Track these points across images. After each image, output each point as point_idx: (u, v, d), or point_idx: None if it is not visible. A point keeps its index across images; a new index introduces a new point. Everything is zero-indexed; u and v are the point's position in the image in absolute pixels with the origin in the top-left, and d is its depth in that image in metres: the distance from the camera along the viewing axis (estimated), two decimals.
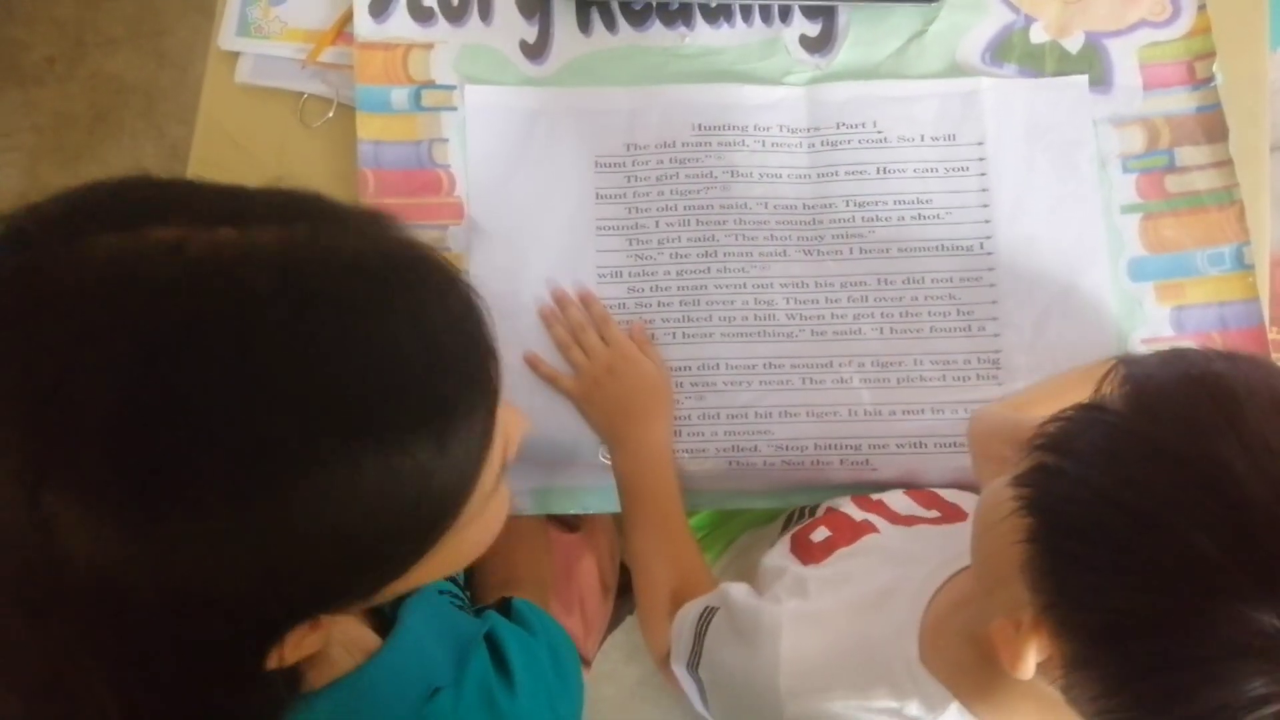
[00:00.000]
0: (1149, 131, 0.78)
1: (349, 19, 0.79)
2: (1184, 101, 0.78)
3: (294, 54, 0.79)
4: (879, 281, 0.76)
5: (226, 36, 0.80)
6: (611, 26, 0.80)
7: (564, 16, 0.80)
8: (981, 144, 0.77)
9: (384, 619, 0.52)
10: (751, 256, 0.76)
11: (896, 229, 0.76)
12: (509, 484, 0.45)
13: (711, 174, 0.77)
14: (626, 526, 0.72)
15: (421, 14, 0.79)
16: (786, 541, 0.71)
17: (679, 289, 0.76)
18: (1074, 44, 0.80)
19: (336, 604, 0.38)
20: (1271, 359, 0.74)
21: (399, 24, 0.79)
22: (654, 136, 0.78)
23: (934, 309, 0.75)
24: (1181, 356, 0.46)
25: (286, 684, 0.39)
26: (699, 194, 0.77)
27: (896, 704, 0.53)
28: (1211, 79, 0.78)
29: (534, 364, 0.75)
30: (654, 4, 0.80)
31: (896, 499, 0.71)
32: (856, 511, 0.70)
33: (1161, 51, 0.79)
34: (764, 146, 0.78)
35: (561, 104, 0.78)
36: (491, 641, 0.55)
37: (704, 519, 0.86)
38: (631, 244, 0.77)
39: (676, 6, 0.80)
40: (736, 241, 0.76)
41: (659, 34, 0.80)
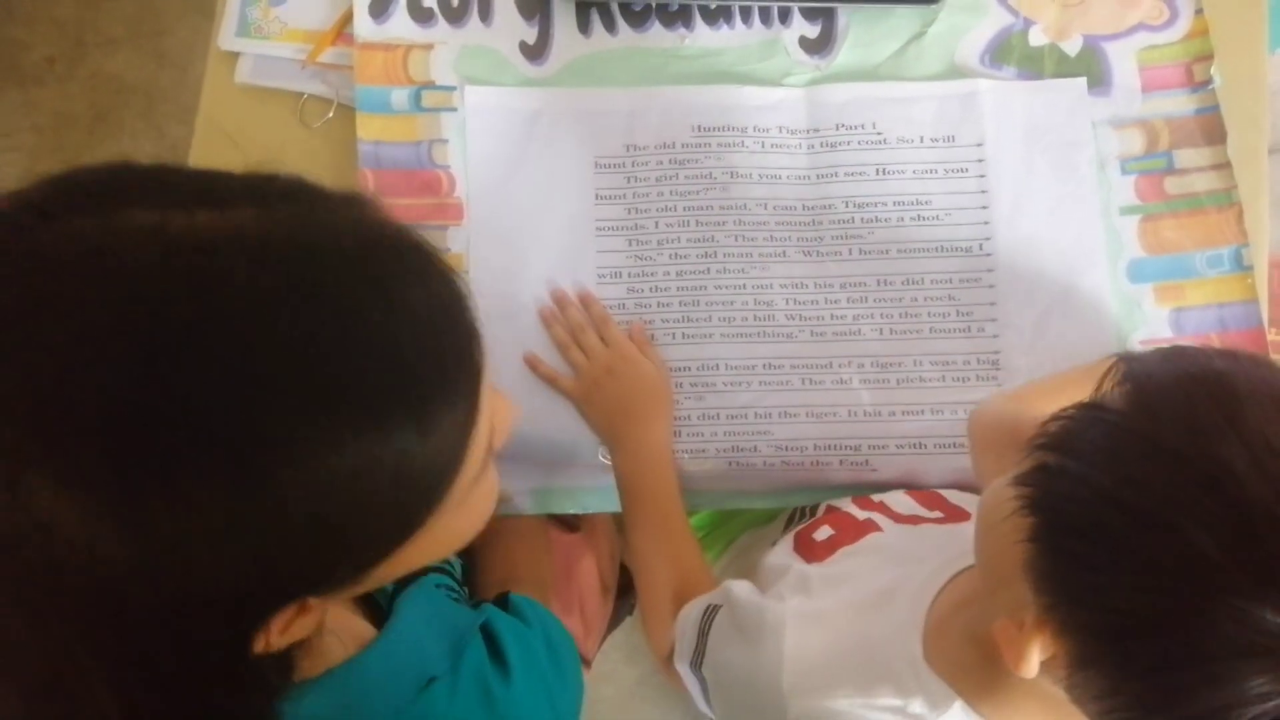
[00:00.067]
0: (1148, 133, 0.78)
1: (349, 19, 0.79)
2: (1183, 104, 0.79)
3: (294, 54, 0.79)
4: (878, 282, 0.76)
5: (226, 37, 0.80)
6: (611, 28, 0.80)
7: (564, 17, 0.80)
8: (981, 145, 0.78)
9: (380, 611, 0.52)
10: (751, 257, 0.76)
11: (896, 230, 0.76)
12: (498, 472, 0.45)
13: (711, 175, 0.77)
14: (627, 527, 0.72)
15: (421, 15, 0.79)
16: (789, 540, 0.71)
17: (679, 289, 0.76)
18: (1072, 47, 0.80)
19: (321, 586, 0.38)
20: (1272, 358, 0.74)
21: (399, 25, 0.79)
22: (654, 137, 0.78)
23: (933, 310, 0.75)
24: (1182, 355, 0.46)
25: (278, 670, 0.39)
26: (699, 195, 0.77)
27: (900, 702, 0.53)
28: (1209, 82, 0.78)
29: (533, 364, 0.75)
30: (654, 5, 0.80)
31: (898, 499, 0.71)
32: (859, 511, 0.70)
33: (1159, 54, 0.80)
34: (763, 147, 0.78)
35: (561, 105, 0.78)
36: (487, 633, 0.55)
37: (704, 519, 0.86)
38: (631, 245, 0.77)
39: (676, 8, 0.80)
40: (736, 242, 0.76)
41: (658, 35, 0.80)
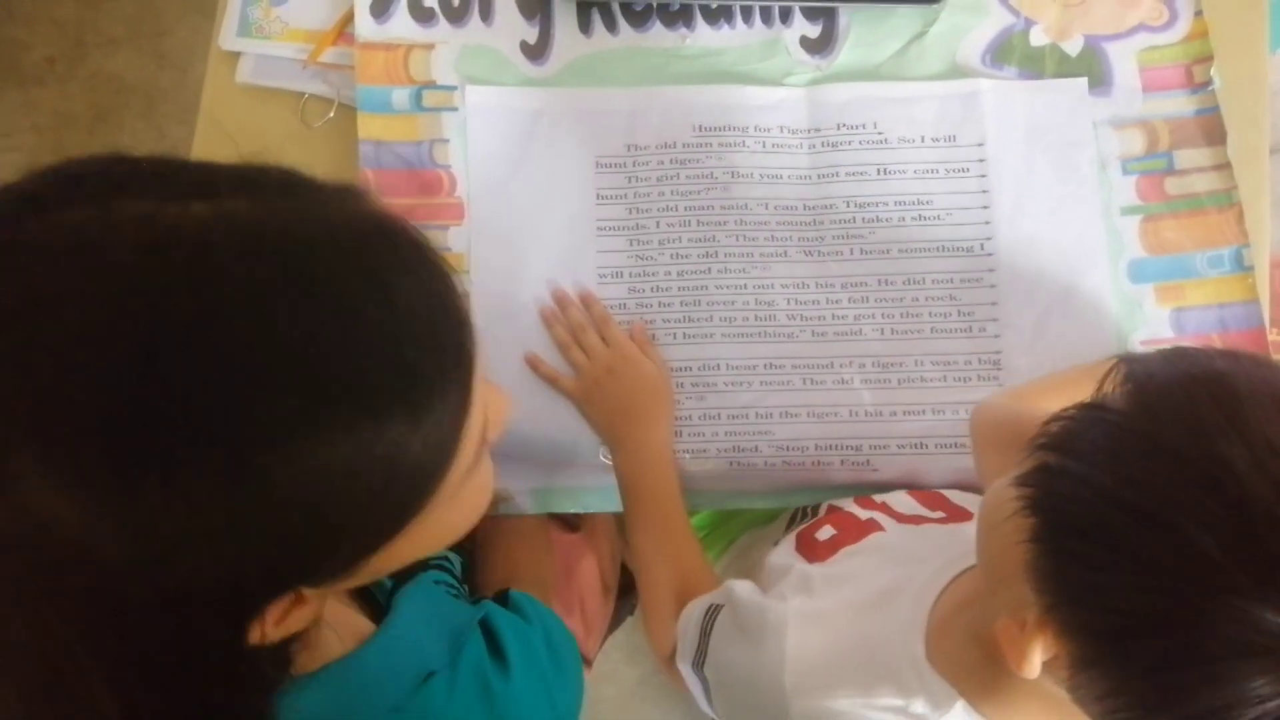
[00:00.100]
0: (1148, 134, 0.78)
1: (350, 19, 0.79)
2: (1183, 104, 0.79)
3: (295, 54, 0.79)
4: (880, 282, 0.76)
5: (227, 37, 0.80)
6: (612, 27, 0.80)
7: (564, 17, 0.80)
8: (982, 145, 0.78)
9: (379, 607, 0.52)
10: (752, 257, 0.76)
11: (897, 230, 0.76)
12: (495, 468, 0.45)
13: (712, 175, 0.77)
14: (628, 527, 0.72)
15: (422, 14, 0.79)
16: (791, 540, 0.71)
17: (680, 289, 0.76)
18: (1073, 47, 0.80)
19: (315, 577, 0.38)
20: (1273, 359, 0.74)
21: (400, 24, 0.79)
22: (655, 137, 0.78)
23: (935, 310, 0.75)
24: (1183, 355, 0.46)
25: (275, 663, 0.39)
26: (700, 194, 0.77)
27: (902, 702, 0.53)
28: (1209, 83, 0.78)
29: (534, 364, 0.75)
30: (655, 5, 0.80)
31: (900, 499, 0.71)
32: (861, 511, 0.70)
33: (1160, 55, 0.80)
34: (764, 147, 0.78)
35: (562, 104, 0.78)
36: (486, 629, 0.55)
37: (704, 519, 0.86)
38: (632, 244, 0.77)
39: (677, 7, 0.80)
40: (737, 242, 0.76)
41: (659, 35, 0.80)
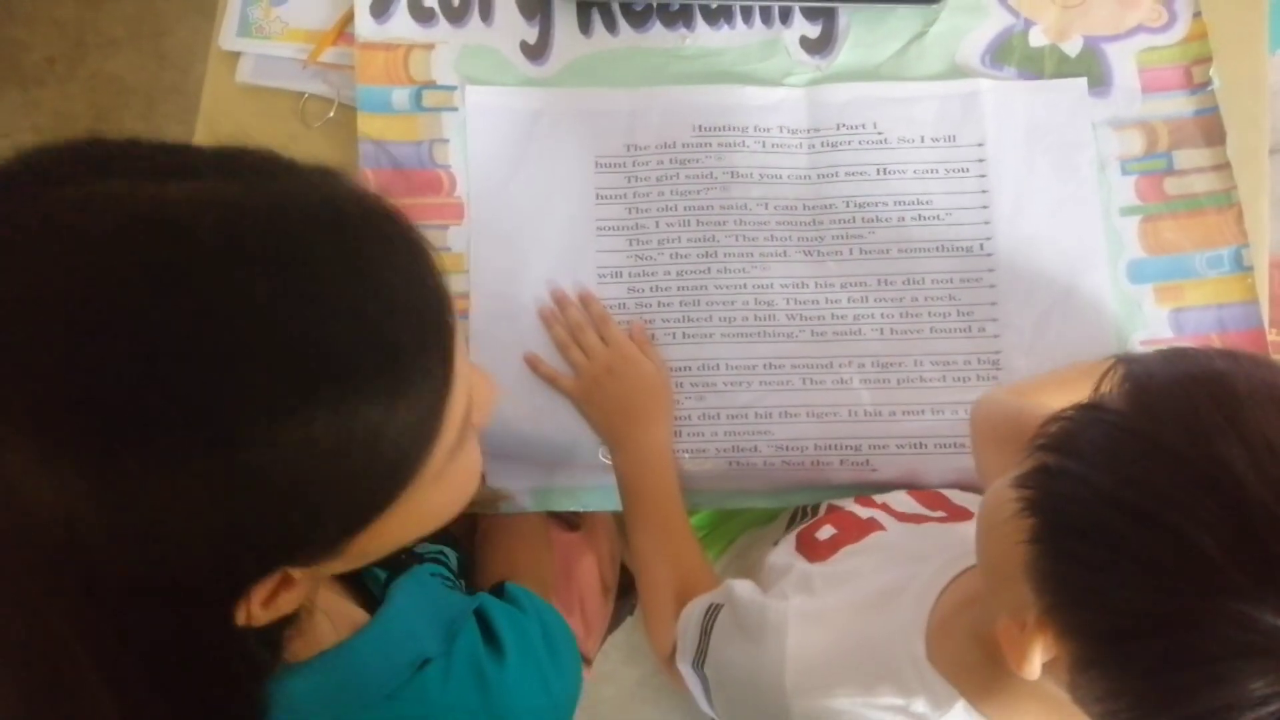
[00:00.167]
0: (1148, 134, 0.78)
1: (350, 19, 0.79)
2: (1182, 105, 0.79)
3: (295, 54, 0.79)
4: (879, 282, 0.76)
5: (227, 37, 0.80)
6: (612, 27, 0.80)
7: (564, 17, 0.80)
8: (981, 145, 0.78)
9: (374, 600, 0.52)
10: (752, 257, 0.76)
11: (897, 230, 0.76)
12: (479, 450, 0.45)
13: (712, 174, 0.77)
14: (628, 526, 0.72)
15: (422, 14, 0.79)
16: (792, 539, 0.71)
17: (679, 289, 0.76)
18: (1073, 48, 0.80)
19: (299, 555, 0.38)
20: (1272, 358, 0.74)
21: (400, 24, 0.79)
22: (654, 137, 0.78)
23: (934, 310, 0.75)
24: (1182, 355, 0.46)
25: (267, 647, 0.39)
26: (699, 194, 0.77)
27: (902, 701, 0.53)
28: (1209, 83, 0.78)
29: (534, 364, 0.75)
30: (654, 5, 0.80)
31: (900, 499, 0.71)
32: (861, 510, 0.70)
33: (1159, 56, 0.80)
34: (764, 147, 0.78)
35: (562, 104, 0.78)
36: (481, 617, 0.55)
37: (704, 519, 0.86)
38: (632, 244, 0.77)
39: (677, 8, 0.80)
40: (737, 242, 0.76)
41: (659, 35, 0.80)
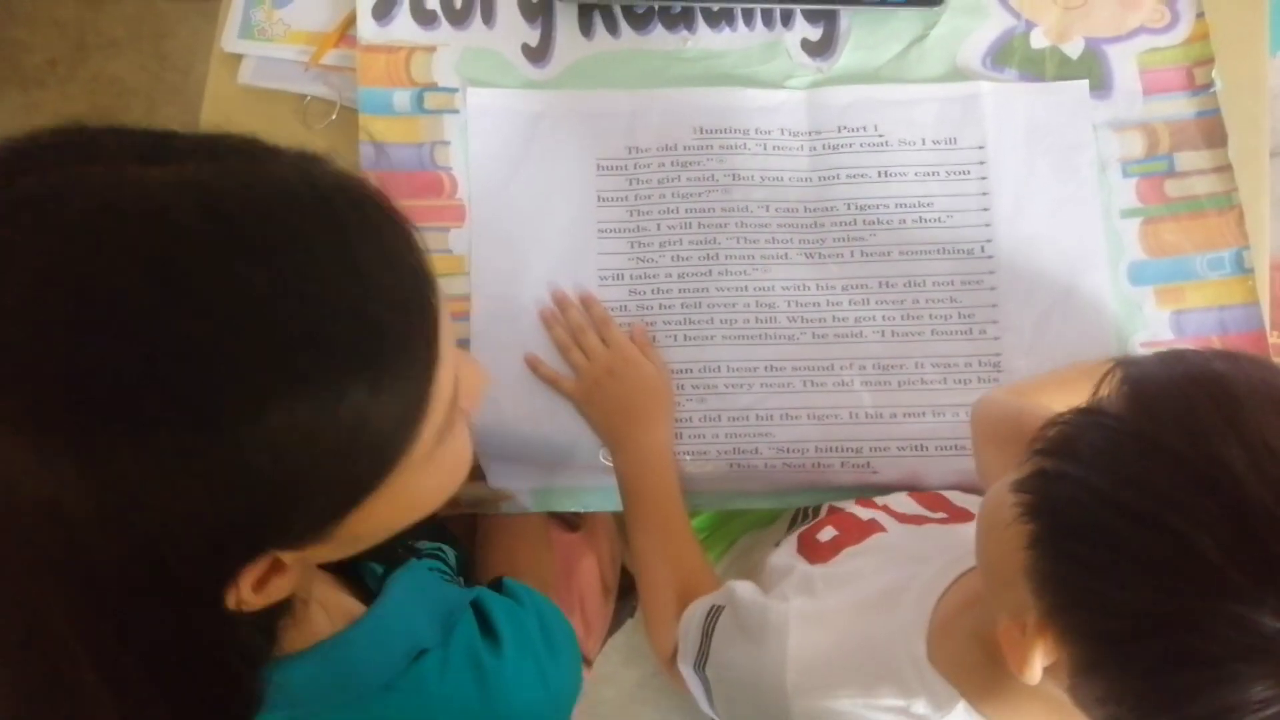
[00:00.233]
0: (1149, 136, 0.78)
1: (352, 21, 0.79)
2: (1183, 107, 0.79)
3: (297, 56, 0.80)
4: (880, 284, 0.76)
5: (229, 38, 0.80)
6: (613, 30, 0.80)
7: (566, 20, 0.80)
8: (982, 148, 0.78)
9: (371, 594, 0.52)
10: (753, 259, 0.76)
11: (897, 232, 0.76)
12: (469, 436, 0.45)
13: (713, 177, 0.77)
14: (629, 528, 0.72)
15: (424, 17, 0.79)
16: (793, 541, 0.71)
17: (680, 291, 0.76)
18: (1074, 49, 0.80)
19: (286, 537, 0.38)
20: (1272, 360, 0.74)
21: (402, 26, 0.79)
22: (655, 139, 0.78)
23: (935, 312, 0.75)
24: (1180, 357, 0.46)
25: (260, 634, 0.39)
26: (700, 196, 0.77)
27: (903, 702, 0.53)
28: (1210, 85, 0.78)
29: (534, 366, 0.75)
30: (656, 7, 0.80)
31: (901, 500, 0.71)
32: (862, 511, 0.70)
33: (1161, 57, 0.80)
34: (765, 149, 0.78)
35: (563, 107, 0.79)
36: (479, 610, 0.55)
37: (705, 520, 0.86)
38: (633, 246, 0.77)
39: (678, 10, 0.80)
40: (738, 244, 0.76)
41: (661, 37, 0.80)
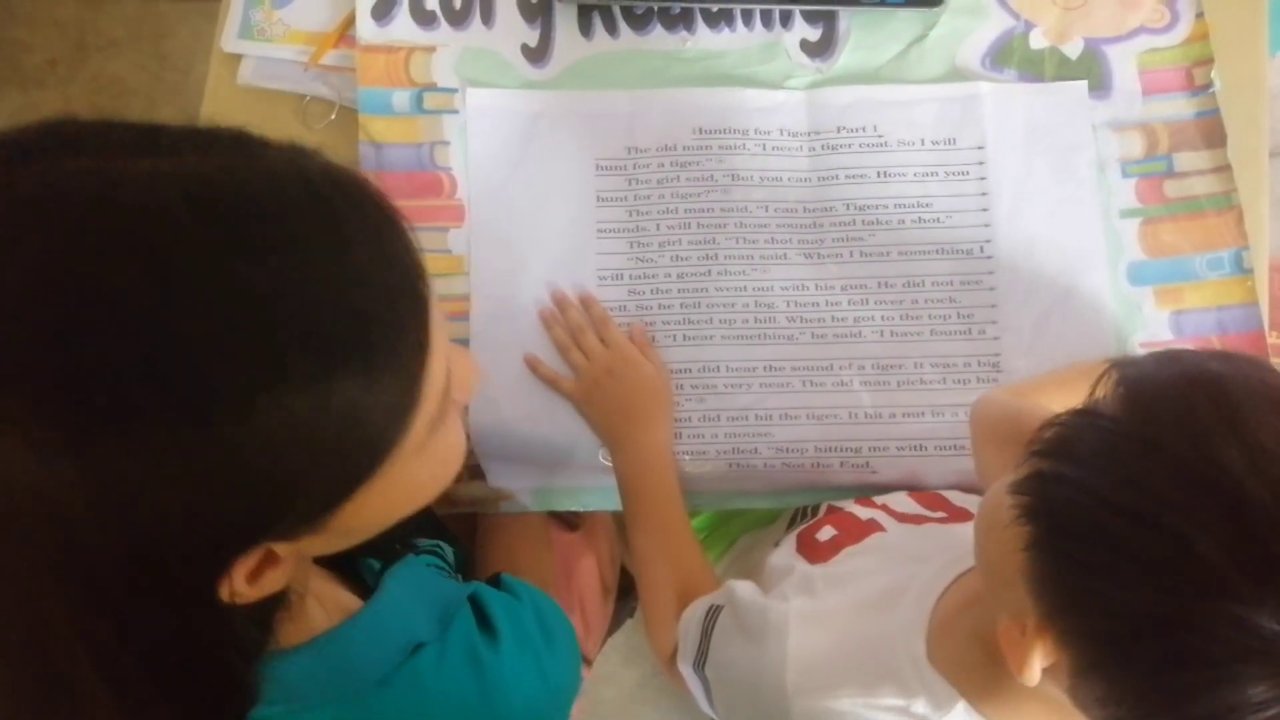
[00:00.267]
0: (1148, 136, 0.78)
1: (351, 22, 0.79)
2: (1183, 107, 0.79)
3: (296, 56, 0.80)
4: (879, 284, 0.76)
5: (229, 38, 0.80)
6: (612, 30, 0.80)
7: (565, 20, 0.80)
8: (981, 148, 0.78)
9: (368, 591, 0.52)
10: (752, 259, 0.76)
11: (897, 232, 0.76)
12: (462, 428, 0.45)
13: (712, 177, 0.77)
14: (629, 528, 0.72)
15: (423, 17, 0.79)
16: (792, 541, 0.71)
17: (679, 291, 0.76)
18: (1073, 50, 0.80)
19: (279, 528, 0.37)
20: (1268, 360, 0.74)
21: (401, 27, 0.79)
22: (655, 139, 0.78)
23: (934, 312, 0.75)
24: (1177, 358, 0.46)
25: (256, 627, 0.39)
26: (700, 197, 0.77)
27: (903, 702, 0.53)
28: (1210, 85, 0.78)
29: (534, 366, 0.75)
30: (655, 8, 0.80)
31: (900, 500, 0.71)
32: (861, 510, 0.70)
33: (1160, 57, 0.80)
34: (764, 150, 0.78)
35: (562, 107, 0.79)
36: (476, 604, 0.55)
37: (704, 521, 0.86)
38: (632, 246, 0.77)
39: (678, 10, 0.80)
40: (737, 244, 0.76)
41: (660, 38, 0.80)
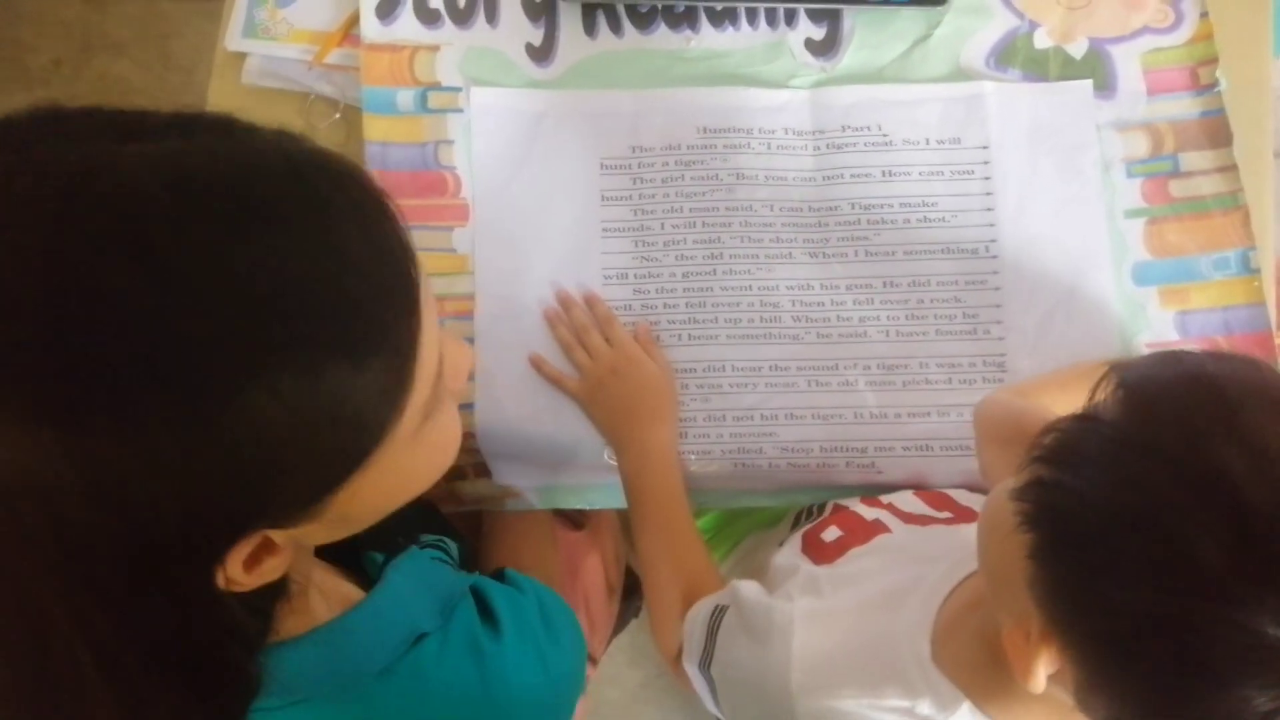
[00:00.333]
0: (1153, 136, 0.78)
1: (356, 20, 0.79)
2: (1187, 107, 0.79)
3: (300, 55, 0.80)
4: (884, 284, 0.76)
5: (233, 37, 0.80)
6: (617, 29, 0.80)
7: (569, 19, 0.80)
8: (986, 148, 0.78)
9: (370, 583, 0.52)
10: (757, 258, 0.76)
11: (901, 232, 0.76)
12: (457, 417, 0.45)
13: (717, 176, 0.77)
14: (633, 528, 0.72)
15: (428, 16, 0.79)
16: (797, 541, 0.71)
17: (684, 291, 0.76)
18: (1078, 49, 0.80)
19: (273, 515, 0.37)
20: (1267, 361, 0.73)
21: (405, 26, 0.79)
22: (659, 139, 0.78)
23: (939, 312, 0.75)
24: (1175, 360, 0.46)
25: (255, 617, 0.39)
26: (704, 196, 0.77)
27: (908, 703, 0.53)
28: (1215, 85, 0.78)
29: (538, 365, 0.75)
30: (659, 7, 0.80)
31: (906, 499, 0.71)
32: (866, 510, 0.70)
33: (1164, 57, 0.79)
34: (769, 149, 0.78)
35: (567, 106, 0.78)
36: (478, 596, 0.55)
37: (709, 521, 0.86)
38: (637, 246, 0.77)
39: (682, 9, 0.80)
40: (742, 244, 0.76)
41: (664, 37, 0.80)
